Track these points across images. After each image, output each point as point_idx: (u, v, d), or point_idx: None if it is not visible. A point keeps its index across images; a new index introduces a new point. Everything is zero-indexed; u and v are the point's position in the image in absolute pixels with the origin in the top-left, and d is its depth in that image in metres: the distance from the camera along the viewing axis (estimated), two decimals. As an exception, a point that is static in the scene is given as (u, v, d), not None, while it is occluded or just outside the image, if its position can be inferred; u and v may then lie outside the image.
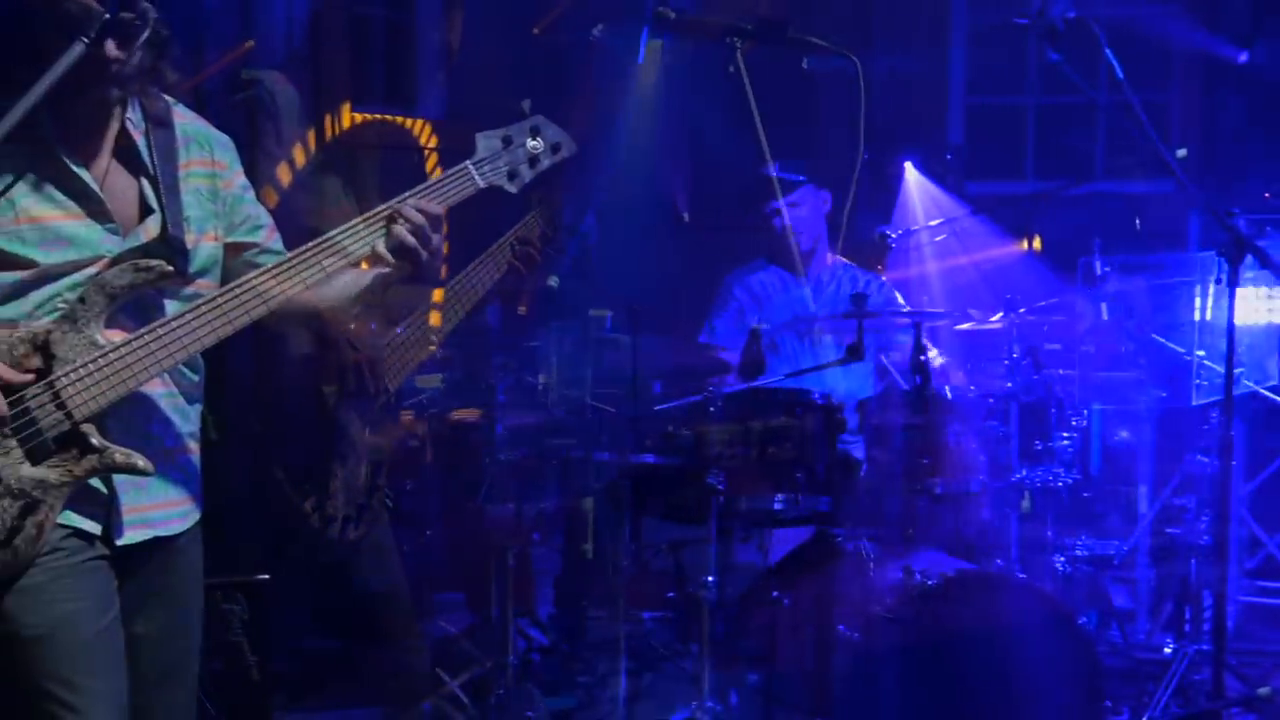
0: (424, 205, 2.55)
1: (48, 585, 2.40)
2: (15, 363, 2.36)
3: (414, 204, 2.54)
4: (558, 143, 2.70)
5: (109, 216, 2.44)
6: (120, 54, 2.30)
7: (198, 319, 2.43)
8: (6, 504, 2.33)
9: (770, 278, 5.03)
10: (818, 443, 4.15)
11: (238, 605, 3.82)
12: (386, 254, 2.52)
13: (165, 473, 2.54)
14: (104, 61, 2.30)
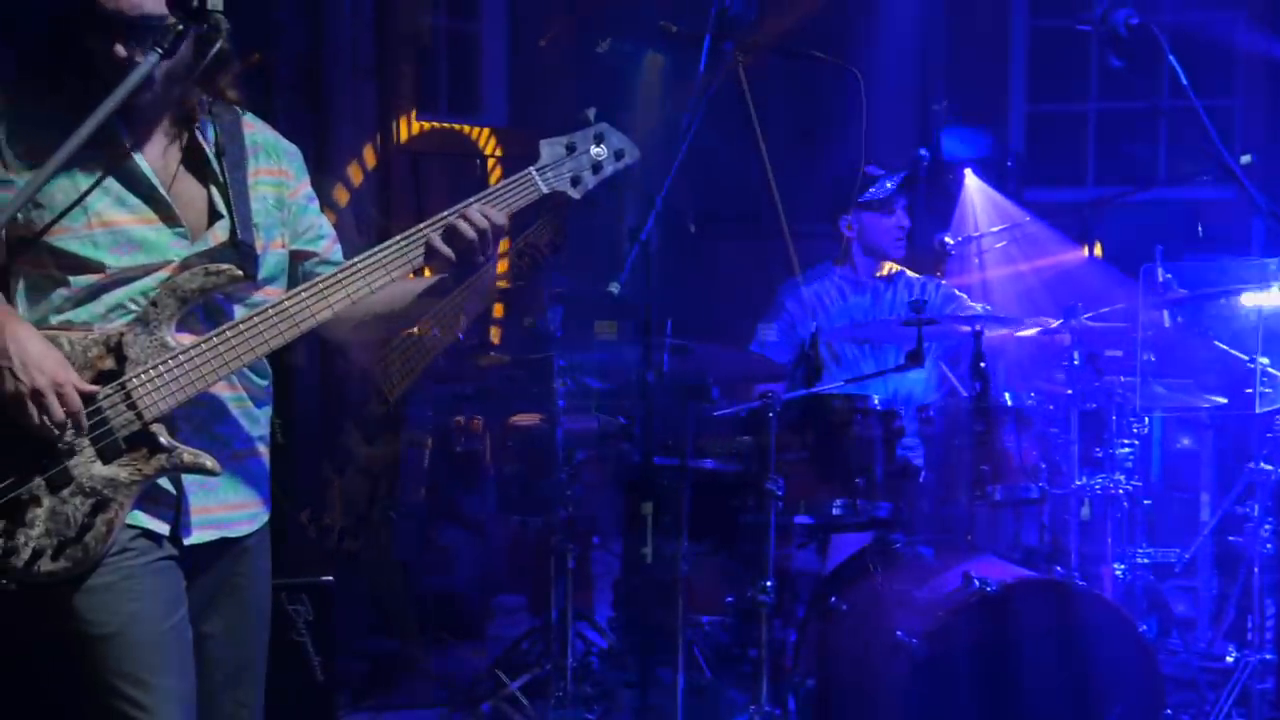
0: (489, 213, 2.55)
1: (117, 585, 2.43)
2: (89, 364, 2.40)
3: (480, 209, 2.54)
4: (621, 149, 2.69)
5: (177, 221, 2.47)
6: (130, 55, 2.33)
7: (265, 323, 2.45)
8: (78, 501, 2.37)
9: (827, 288, 4.99)
10: (877, 448, 4.13)
11: (302, 606, 3.84)
12: (442, 246, 2.52)
13: (233, 475, 2.57)
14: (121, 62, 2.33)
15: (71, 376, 2.36)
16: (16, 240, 2.43)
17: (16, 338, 2.34)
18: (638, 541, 4.10)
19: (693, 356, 4.00)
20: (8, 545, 2.36)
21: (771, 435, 3.87)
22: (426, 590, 5.46)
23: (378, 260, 2.52)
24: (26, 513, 2.37)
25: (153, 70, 2.24)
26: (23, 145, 2.41)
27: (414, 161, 5.99)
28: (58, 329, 2.42)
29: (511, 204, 2.60)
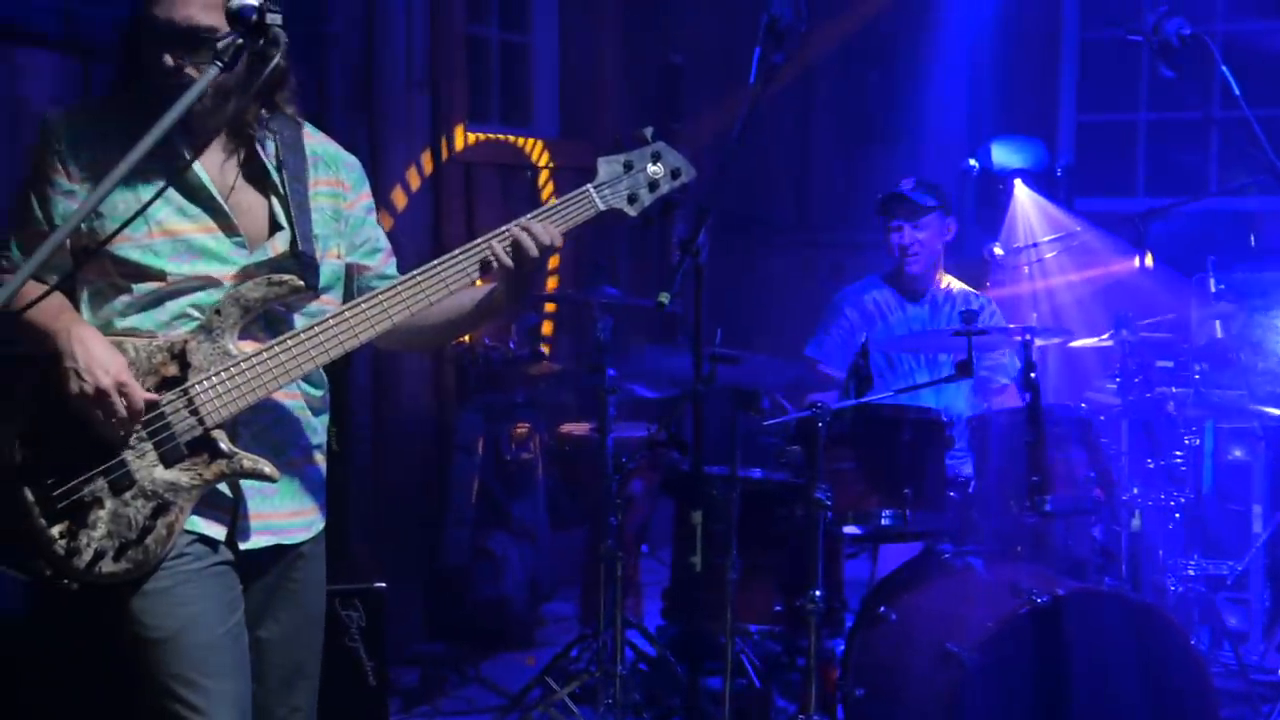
0: (550, 230, 2.57)
1: (173, 589, 2.46)
2: (153, 369, 2.44)
3: (540, 227, 2.56)
4: (678, 168, 2.70)
5: (236, 230, 2.50)
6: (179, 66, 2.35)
7: (324, 332, 2.48)
8: (140, 504, 2.40)
9: (886, 296, 4.96)
10: (926, 459, 4.11)
11: (355, 612, 3.86)
12: (506, 258, 2.53)
13: (291, 482, 2.59)
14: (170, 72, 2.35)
15: (133, 380, 2.39)
16: (80, 250, 2.46)
17: (82, 339, 2.38)
18: (687, 550, 4.10)
19: (743, 366, 3.99)
20: (70, 546, 2.40)
21: (820, 445, 3.86)
22: (477, 597, 5.47)
23: (436, 274, 2.54)
24: (89, 514, 2.40)
25: (212, 83, 2.25)
26: (86, 157, 2.44)
27: (466, 172, 6.01)
28: (123, 335, 2.46)
29: (569, 220, 2.61)
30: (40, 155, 2.48)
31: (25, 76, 4.11)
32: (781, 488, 4.16)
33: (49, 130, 2.47)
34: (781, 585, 4.15)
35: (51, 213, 2.46)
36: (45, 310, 2.41)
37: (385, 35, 5.50)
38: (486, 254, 2.55)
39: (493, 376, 5.68)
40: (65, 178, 2.45)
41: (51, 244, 2.10)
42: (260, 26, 2.26)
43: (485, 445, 5.56)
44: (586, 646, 4.67)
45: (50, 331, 2.41)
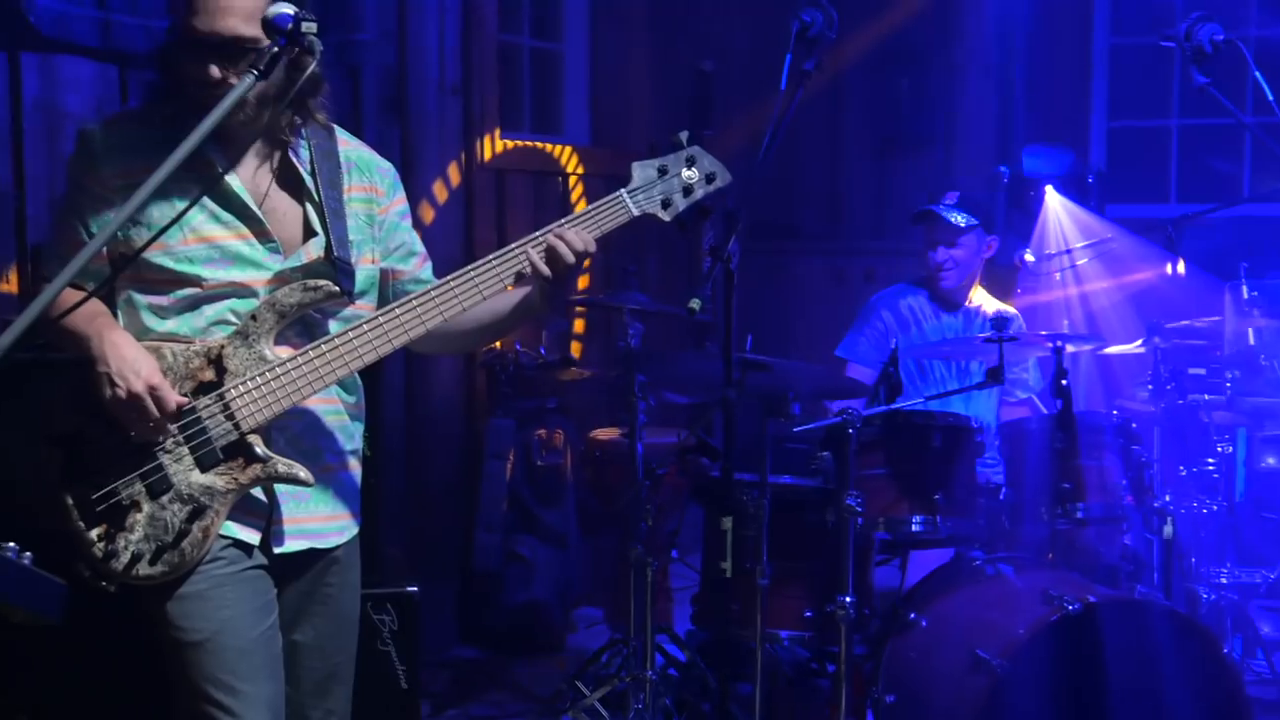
0: (584, 236, 2.56)
1: (209, 593, 2.47)
2: (190, 374, 2.46)
3: (575, 232, 2.56)
4: (713, 173, 2.69)
5: (270, 236, 2.52)
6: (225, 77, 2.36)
7: (359, 338, 2.49)
8: (176, 508, 2.42)
9: (921, 303, 4.94)
10: (957, 465, 4.09)
11: (387, 616, 3.88)
12: (542, 265, 2.54)
13: (325, 487, 2.61)
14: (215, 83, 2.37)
15: (166, 381, 2.41)
16: (118, 257, 2.49)
17: (114, 344, 2.40)
18: (717, 556, 4.10)
19: (773, 372, 3.99)
20: (108, 549, 2.42)
21: (851, 451, 3.85)
22: (508, 602, 5.48)
23: (471, 279, 2.55)
24: (127, 518, 2.43)
25: (247, 92, 2.27)
26: (123, 167, 2.47)
27: (498, 178, 6.03)
28: (160, 340, 2.48)
29: (603, 225, 2.61)
30: (78, 165, 2.50)
31: (64, 85, 4.14)
32: (812, 494, 4.15)
33: (87, 140, 2.49)
34: (812, 591, 4.14)
35: (89, 221, 2.49)
36: (80, 316, 2.43)
37: (419, 43, 5.53)
38: (522, 261, 2.55)
39: (524, 382, 5.69)
40: (103, 187, 2.48)
41: (89, 251, 2.12)
42: (296, 35, 2.28)
43: (516, 450, 5.57)
44: (617, 651, 4.67)
45: (84, 336, 2.43)
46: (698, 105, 6.92)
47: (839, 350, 4.98)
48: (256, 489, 2.50)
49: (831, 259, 7.17)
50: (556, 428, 5.68)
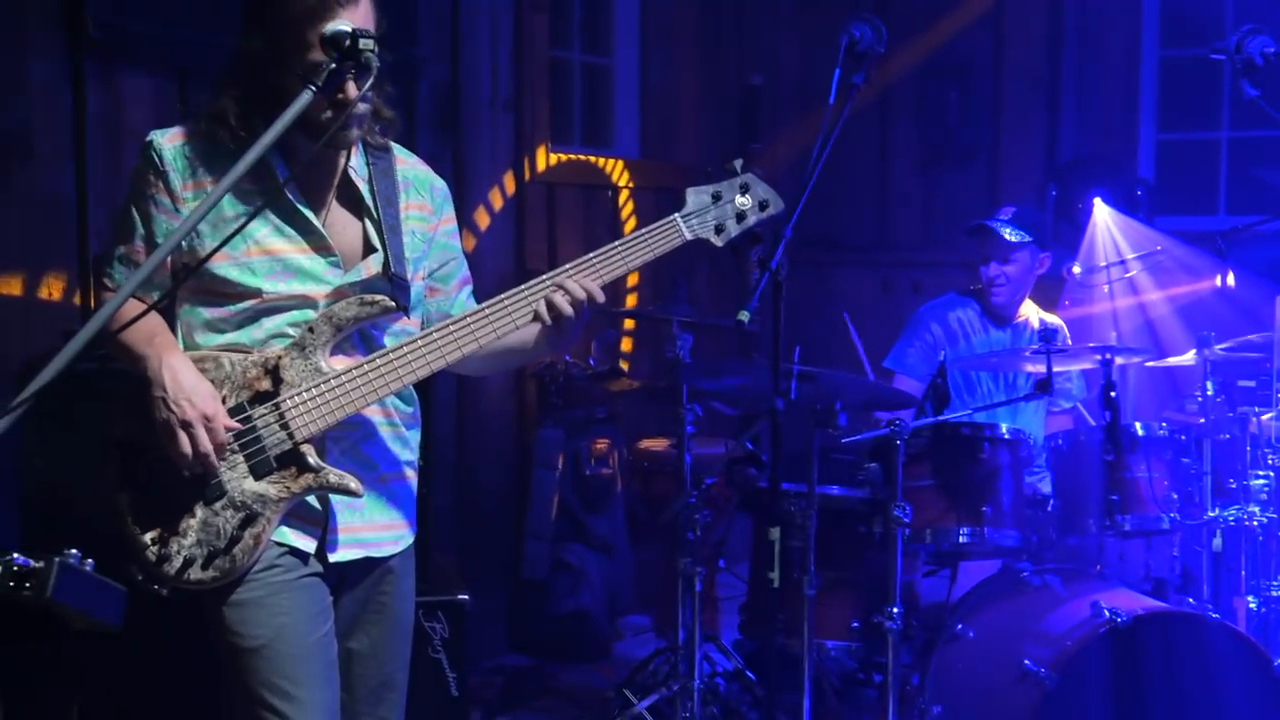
0: (590, 288, 2.55)
1: (266, 599, 2.49)
2: (247, 384, 2.48)
3: (580, 282, 2.55)
4: (765, 200, 2.70)
5: (331, 250, 2.54)
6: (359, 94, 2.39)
7: (413, 352, 2.51)
8: (229, 515, 2.44)
9: (970, 316, 4.92)
10: (1005, 477, 4.07)
11: (439, 623, 3.90)
12: (543, 313, 2.54)
13: (380, 497, 2.62)
14: (343, 104, 2.39)
15: (221, 410, 2.43)
16: (180, 268, 2.51)
17: (172, 368, 2.42)
18: (765, 566, 4.08)
19: (820, 383, 3.98)
20: (161, 553, 2.44)
21: (899, 462, 3.83)
22: (557, 610, 5.49)
23: (523, 298, 2.55)
24: (180, 523, 2.45)
25: (305, 107, 2.29)
26: (188, 177, 2.49)
27: (548, 191, 6.06)
28: (220, 350, 2.50)
29: (655, 248, 2.62)
30: (143, 175, 2.52)
31: (125, 98, 4.19)
32: (859, 504, 4.14)
33: (152, 150, 2.51)
34: (859, 602, 4.13)
35: (153, 231, 2.51)
36: (139, 332, 2.45)
37: (472, 59, 5.57)
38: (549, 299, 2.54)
39: (573, 392, 5.71)
40: (167, 197, 2.49)
41: (152, 262, 2.14)
42: (353, 51, 2.30)
43: (565, 460, 5.58)
44: (664, 660, 4.67)
45: (142, 356, 2.45)
46: (746, 119, 6.92)
47: (887, 361, 4.97)
48: (311, 498, 2.52)
49: (879, 270, 7.14)
50: (605, 438, 5.69)
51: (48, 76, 3.97)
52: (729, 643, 4.72)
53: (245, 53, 2.47)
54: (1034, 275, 4.87)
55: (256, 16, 2.45)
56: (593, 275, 2.57)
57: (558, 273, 2.57)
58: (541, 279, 2.57)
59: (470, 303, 2.76)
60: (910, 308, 5.18)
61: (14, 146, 3.89)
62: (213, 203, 2.12)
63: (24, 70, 3.91)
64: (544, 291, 2.55)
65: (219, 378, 2.47)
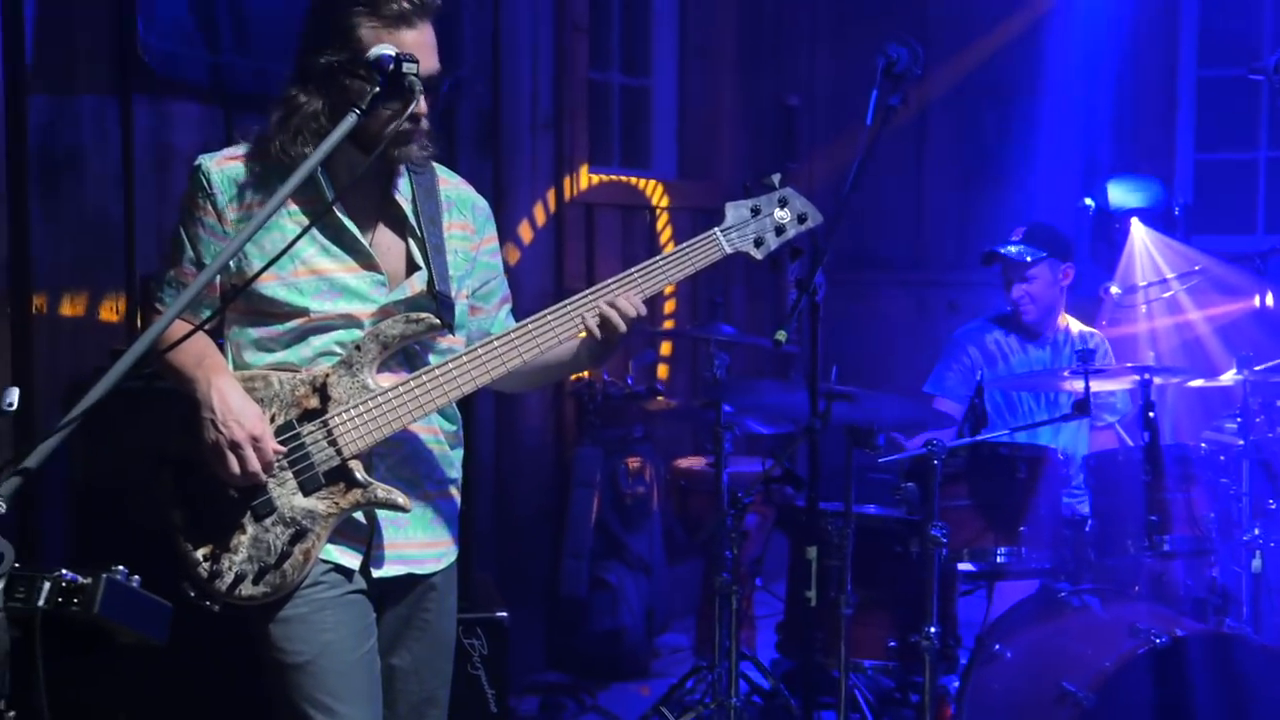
0: (636, 303, 2.58)
1: (311, 616, 2.51)
2: (295, 402, 2.50)
3: (630, 299, 2.56)
4: (804, 213, 2.71)
5: (377, 269, 2.56)
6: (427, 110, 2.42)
7: (458, 368, 2.53)
8: (279, 530, 2.46)
9: (1006, 337, 4.91)
10: (1042, 497, 4.05)
11: (478, 640, 3.91)
12: (595, 328, 2.57)
13: (424, 514, 2.64)
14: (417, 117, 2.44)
15: (268, 431, 2.46)
16: (229, 288, 2.54)
17: (220, 390, 2.44)
18: (802, 584, 4.07)
19: (858, 403, 3.97)
20: (213, 569, 2.47)
21: (936, 482, 3.82)
22: (594, 628, 5.49)
23: (566, 314, 2.57)
24: (232, 539, 2.47)
25: (350, 130, 2.31)
26: (236, 200, 2.52)
27: (587, 211, 6.08)
28: (268, 369, 2.53)
29: (696, 262, 2.63)
30: (191, 198, 2.55)
31: (174, 124, 4.24)
32: (896, 524, 4.13)
33: (201, 174, 2.54)
34: (896, 621, 4.11)
35: (202, 253, 2.54)
36: (188, 354, 2.48)
37: (512, 80, 5.61)
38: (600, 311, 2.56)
39: (611, 411, 5.72)
40: (215, 219, 2.52)
41: (200, 282, 2.17)
42: (397, 75, 2.32)
43: (603, 479, 5.59)
44: (701, 678, 4.66)
45: (191, 379, 2.48)
46: (783, 139, 6.93)
47: (927, 386, 4.97)
48: (357, 514, 2.54)
49: (915, 290, 7.13)
50: (643, 456, 5.70)
51: (98, 102, 4.02)
52: (766, 661, 4.71)
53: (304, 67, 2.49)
54: (1060, 287, 4.87)
55: (321, 32, 2.47)
56: (635, 290, 2.59)
57: (600, 288, 2.59)
58: (584, 294, 2.59)
59: (510, 321, 2.78)
60: (946, 327, 5.17)
61: (65, 170, 3.94)
62: (260, 223, 2.14)
63: (75, 96, 3.96)
64: (586, 307, 2.56)
65: (268, 396, 2.49)
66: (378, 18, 2.42)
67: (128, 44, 4.02)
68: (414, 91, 2.35)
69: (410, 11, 2.43)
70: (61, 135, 3.92)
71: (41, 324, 3.88)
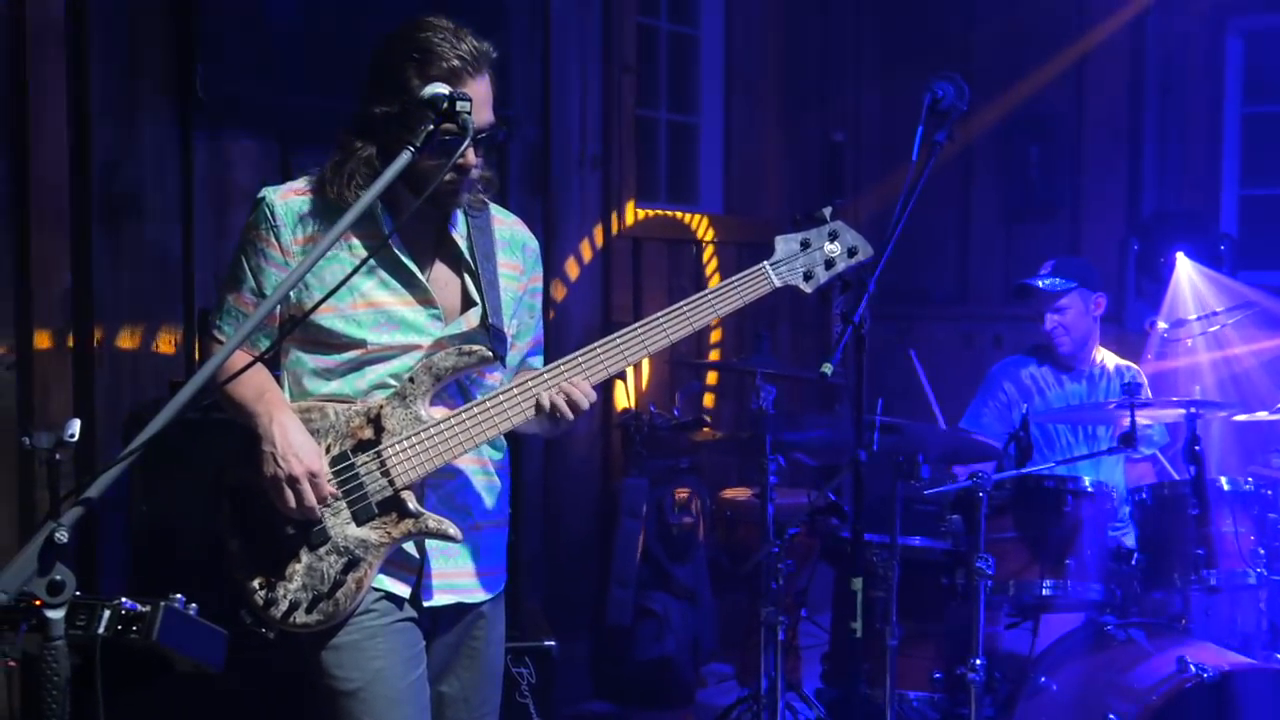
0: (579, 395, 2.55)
1: (362, 643, 2.52)
2: (350, 433, 2.52)
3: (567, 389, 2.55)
4: (854, 247, 2.71)
5: (433, 303, 2.58)
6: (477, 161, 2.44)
7: (508, 400, 2.54)
8: (333, 559, 2.48)
9: (1043, 372, 4.88)
10: (1088, 530, 4.01)
11: (526, 669, 3.91)
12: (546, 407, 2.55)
13: (473, 544, 2.65)
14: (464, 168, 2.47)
15: (325, 467, 2.48)
16: (288, 319, 2.56)
17: (282, 425, 2.47)
18: (847, 615, 4.05)
19: (903, 435, 3.95)
20: (269, 597, 2.48)
21: (981, 514, 3.79)
22: (640, 656, 5.48)
23: (617, 348, 2.58)
24: (287, 568, 2.49)
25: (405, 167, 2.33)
26: (303, 233, 2.54)
27: (634, 246, 6.10)
28: (324, 400, 2.55)
29: (745, 295, 2.63)
30: (254, 229, 2.57)
31: (232, 162, 4.30)
32: (942, 556, 4.10)
33: (265, 205, 2.57)
34: (941, 653, 4.08)
35: (263, 283, 2.56)
36: (249, 387, 2.51)
37: (561, 118, 5.65)
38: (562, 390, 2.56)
39: (657, 442, 5.71)
40: (278, 251, 2.55)
41: (261, 313, 2.18)
42: (451, 113, 2.34)
43: (649, 509, 5.59)
44: (747, 708, 4.63)
45: (252, 413, 2.50)
46: (828, 175, 6.93)
47: (963, 422, 4.94)
48: (408, 544, 2.55)
49: (960, 324, 7.09)
50: (688, 487, 5.69)
51: (158, 140, 4.08)
52: (811, 691, 4.68)
53: (362, 116, 2.52)
54: (1092, 317, 4.84)
55: (378, 85, 2.51)
56: (682, 325, 2.60)
57: (657, 318, 2.59)
58: (631, 328, 2.59)
59: (539, 364, 2.79)
60: (990, 360, 5.14)
61: (126, 207, 4.00)
62: (319, 255, 2.15)
63: (137, 134, 4.03)
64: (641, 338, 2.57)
65: (323, 427, 2.52)
66: (432, 72, 2.44)
67: (187, 83, 4.08)
68: (466, 130, 2.36)
69: (461, 67, 2.45)
70: (124, 173, 3.98)
71: (102, 356, 3.93)
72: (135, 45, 4.01)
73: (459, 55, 2.45)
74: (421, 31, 2.47)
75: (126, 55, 3.97)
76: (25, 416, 3.70)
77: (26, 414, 3.70)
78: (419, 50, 2.45)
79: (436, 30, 2.47)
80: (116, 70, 3.94)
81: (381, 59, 2.51)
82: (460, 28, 2.50)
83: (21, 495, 3.71)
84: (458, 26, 2.49)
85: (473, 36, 2.49)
